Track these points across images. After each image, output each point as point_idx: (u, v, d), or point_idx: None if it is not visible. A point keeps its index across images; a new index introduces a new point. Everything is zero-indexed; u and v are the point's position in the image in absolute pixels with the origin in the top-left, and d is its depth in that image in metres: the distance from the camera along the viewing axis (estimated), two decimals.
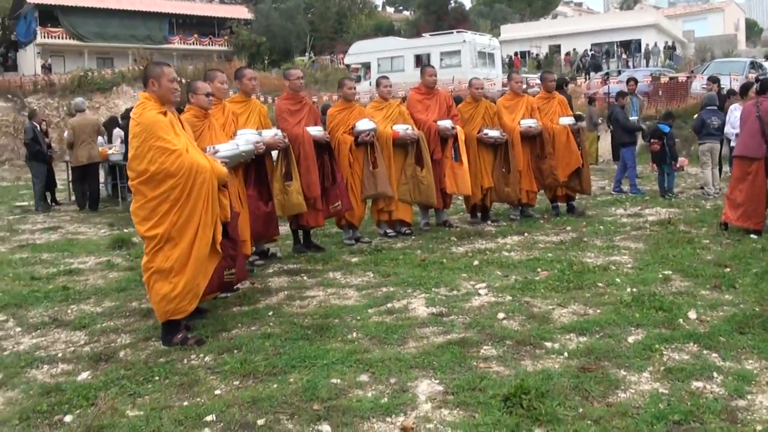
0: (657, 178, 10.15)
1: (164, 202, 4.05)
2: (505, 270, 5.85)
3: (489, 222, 8.18)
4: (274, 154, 6.44)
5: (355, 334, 4.31)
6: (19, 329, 4.75)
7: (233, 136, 5.64)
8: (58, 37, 38.54)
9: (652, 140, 9.92)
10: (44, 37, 37.79)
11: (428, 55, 27.73)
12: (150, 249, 4.12)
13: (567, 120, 8.15)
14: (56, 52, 38.35)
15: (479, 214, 8.36)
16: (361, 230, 7.78)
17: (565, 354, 3.82)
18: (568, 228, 7.60)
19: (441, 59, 27.20)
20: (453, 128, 7.59)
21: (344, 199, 6.82)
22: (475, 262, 6.11)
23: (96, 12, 39.33)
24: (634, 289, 5.00)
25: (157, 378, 3.75)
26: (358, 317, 4.65)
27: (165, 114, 4.15)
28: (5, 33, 40.54)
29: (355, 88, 7.30)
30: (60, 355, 4.21)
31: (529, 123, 7.94)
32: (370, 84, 28.77)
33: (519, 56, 38.83)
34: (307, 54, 44.04)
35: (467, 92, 8.32)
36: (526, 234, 7.37)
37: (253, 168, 5.97)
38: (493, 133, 7.82)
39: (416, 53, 28.43)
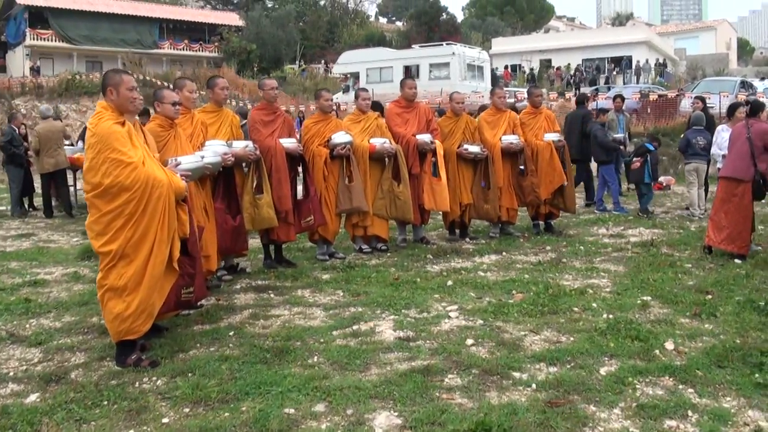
0: (639, 199, 10.06)
1: (119, 217, 3.88)
2: (479, 291, 5.70)
3: (467, 239, 8.04)
4: (245, 165, 6.27)
5: (316, 359, 4.14)
6: None
7: (201, 147, 5.49)
8: (48, 39, 38.26)
9: (634, 158, 9.82)
10: (33, 38, 37.49)
11: (417, 67, 27.74)
12: (104, 265, 3.95)
13: (552, 136, 8.04)
14: (45, 54, 38.02)
15: (458, 231, 8.22)
16: (336, 245, 7.63)
17: (533, 386, 3.66)
18: (548, 248, 7.47)
19: (430, 71, 27.20)
20: (432, 143, 7.46)
21: (317, 214, 6.67)
22: (449, 282, 5.96)
23: (86, 15, 39.10)
24: (611, 316, 4.86)
25: (105, 403, 3.57)
26: (322, 340, 4.48)
27: (123, 124, 3.99)
28: None
29: (331, 100, 7.14)
30: (11, 374, 4.03)
31: (510, 139, 7.82)
32: None
33: (509, 69, 38.91)
34: (297, 62, 43.93)
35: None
36: (504, 253, 7.24)
37: (221, 180, 5.80)
38: (473, 148, 7.69)
39: (405, 64, 28.42)
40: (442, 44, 28.54)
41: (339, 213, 7.03)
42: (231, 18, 46.45)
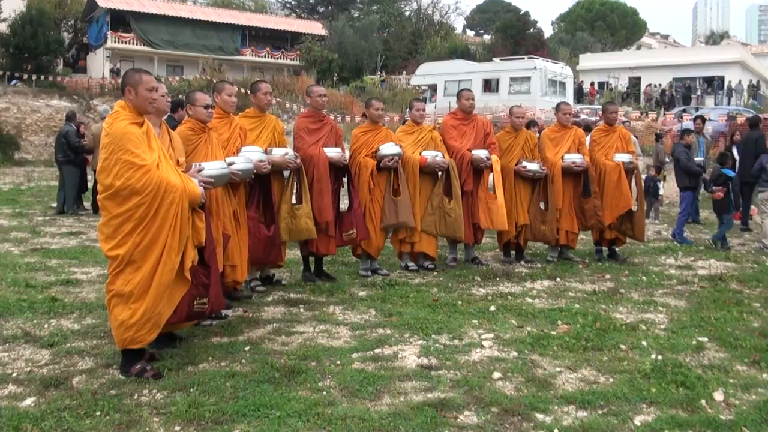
0: (717, 228, 9.36)
1: (128, 221, 3.80)
2: (521, 319, 5.36)
3: (522, 262, 7.67)
4: (286, 174, 6.18)
5: (327, 382, 3.94)
6: None
7: (237, 153, 5.41)
8: (129, 43, 39.84)
9: (714, 187, 9.13)
10: (114, 41, 39.08)
11: (497, 80, 27.33)
12: (112, 270, 3.89)
13: (623, 157, 7.58)
14: (126, 57, 39.62)
15: (513, 253, 7.86)
16: (383, 261, 7.44)
17: (556, 431, 3.34)
18: (607, 276, 7.02)
19: (510, 85, 26.73)
20: (488, 159, 7.17)
21: (360, 227, 6.49)
22: (492, 308, 5.65)
23: (168, 20, 40.56)
24: (659, 357, 4.44)
25: (98, 413, 3.47)
26: (339, 362, 4.28)
27: (141, 125, 3.93)
28: (77, 35, 42.11)
29: (382, 109, 6.97)
30: (15, 375, 4.01)
31: (573, 158, 7.42)
32: (436, 107, 28.60)
33: (596, 86, 37.81)
34: (377, 73, 44.21)
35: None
36: (558, 279, 6.84)
37: (257, 188, 5.72)
38: (532, 166, 7.35)
39: (485, 77, 28.05)
40: (523, 58, 28.01)
41: (384, 228, 6.83)
42: (314, 27, 47.30)
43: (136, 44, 39.92)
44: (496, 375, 4.08)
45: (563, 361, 4.38)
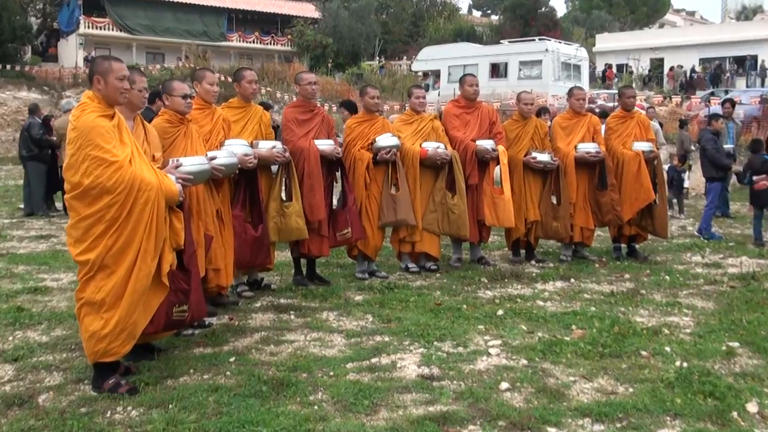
0: (753, 222, 9.31)
1: (99, 223, 3.79)
2: (532, 324, 5.35)
3: (533, 262, 7.66)
4: (274, 169, 6.16)
5: (319, 395, 3.93)
6: None
7: (220, 147, 5.40)
8: (104, 28, 39.66)
9: (756, 177, 8.99)
10: (88, 27, 38.88)
11: (506, 65, 27.31)
12: (82, 276, 3.88)
13: (642, 145, 7.54)
14: (101, 44, 39.46)
15: (523, 252, 7.84)
16: (381, 263, 7.43)
17: None
18: (626, 276, 7.01)
19: (519, 69, 26.71)
20: (494, 150, 7.15)
21: (355, 226, 6.48)
22: (500, 312, 5.64)
23: (147, 3, 40.45)
24: (685, 364, 4.42)
25: None
26: (332, 373, 4.27)
27: (111, 117, 3.91)
28: (46, 20, 41.83)
29: (378, 98, 6.94)
30: None
31: (587, 148, 7.40)
32: (440, 95, 28.59)
33: (614, 69, 37.77)
34: (375, 58, 44.18)
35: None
36: (572, 280, 6.83)
37: (242, 185, 5.71)
38: (543, 157, 7.33)
39: (492, 62, 28.03)
40: (534, 40, 27.98)
41: (382, 226, 6.82)
42: (307, 9, 47.25)
43: (112, 30, 39.81)
44: (504, 385, 4.06)
45: (578, 370, 4.37)
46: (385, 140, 6.67)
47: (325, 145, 6.28)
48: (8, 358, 4.54)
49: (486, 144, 7.15)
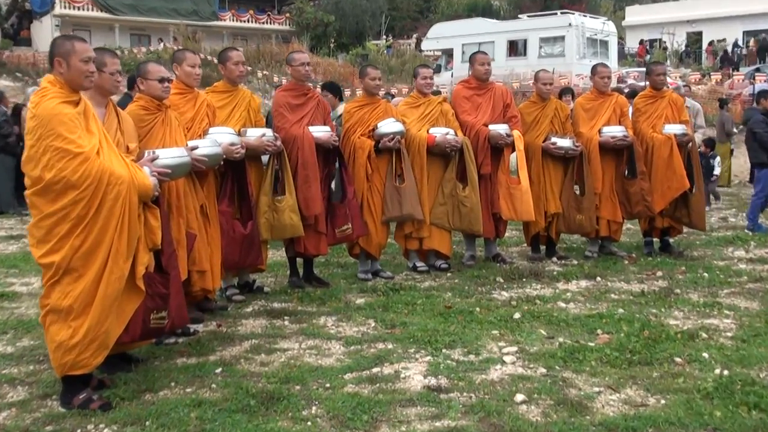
0: None
1: (63, 221, 3.73)
2: (552, 329, 5.27)
3: (554, 259, 7.57)
4: (265, 159, 6.10)
5: (313, 410, 3.87)
6: None
7: (203, 135, 5.34)
8: (83, 9, 39.55)
9: None
10: (64, 7, 38.75)
11: (525, 41, 27.18)
12: (46, 281, 3.83)
13: (674, 128, 7.42)
14: (80, 25, 39.24)
15: (543, 248, 7.75)
16: (386, 261, 7.37)
17: None
18: (659, 273, 6.92)
19: (540, 47, 26.57)
20: (509, 135, 7.06)
21: (356, 221, 6.41)
22: (516, 315, 5.56)
23: None
24: (725, 372, 4.33)
25: None
26: (328, 384, 4.21)
27: (77, 103, 3.85)
28: (16, 1, 41.80)
29: (379, 79, 6.86)
30: None
31: (612, 131, 7.29)
32: (453, 75, 28.47)
33: (646, 45, 37.50)
34: (382, 37, 44.09)
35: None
36: (598, 278, 6.74)
37: (229, 178, 5.65)
38: (564, 142, 7.23)
39: (510, 39, 27.91)
40: (556, 13, 27.80)
41: (386, 221, 6.75)
42: None
43: (92, 10, 39.73)
44: (519, 398, 3.99)
45: (603, 379, 4.29)
46: (388, 126, 6.59)
47: (320, 131, 6.20)
48: None
49: (499, 129, 7.06)
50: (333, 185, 6.56)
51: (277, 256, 7.37)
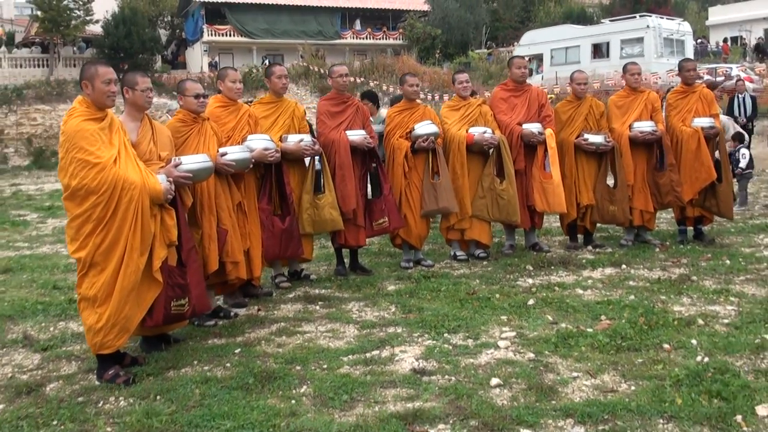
0: None
1: (87, 222, 3.80)
2: (559, 314, 4.95)
3: (590, 247, 7.13)
4: (308, 161, 6.05)
5: (303, 389, 3.77)
6: None
7: (242, 142, 5.33)
8: (225, 35, 40.94)
9: None
10: (211, 34, 40.22)
11: (607, 44, 25.95)
12: (78, 273, 3.93)
13: (702, 121, 6.83)
14: (224, 49, 40.64)
15: (581, 237, 7.32)
16: (435, 250, 7.18)
17: None
18: (684, 261, 6.38)
19: (621, 48, 25.29)
20: (541, 133, 6.70)
21: (392, 215, 6.26)
22: (530, 301, 5.26)
23: (265, 8, 41.33)
24: (706, 359, 3.92)
25: (54, 422, 3.50)
26: (326, 366, 4.10)
27: (101, 119, 3.90)
28: (174, 31, 43.71)
29: (418, 85, 6.65)
30: None
31: (641, 126, 6.78)
32: (543, 78, 27.59)
33: (728, 42, 35.03)
34: (483, 45, 43.27)
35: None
36: (623, 266, 6.29)
37: (268, 178, 5.62)
38: (595, 138, 6.79)
39: (594, 42, 26.72)
40: (635, 17, 26.36)
41: (424, 215, 6.55)
42: (416, 2, 46.90)
43: (234, 36, 41.07)
44: (494, 381, 3.75)
45: (585, 364, 3.98)
46: (423, 128, 6.38)
47: (355, 135, 6.08)
48: (41, 347, 4.68)
49: (532, 127, 6.72)
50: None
51: (330, 248, 7.32)
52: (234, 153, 4.97)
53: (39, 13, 31.64)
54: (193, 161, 4.42)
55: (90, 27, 34.17)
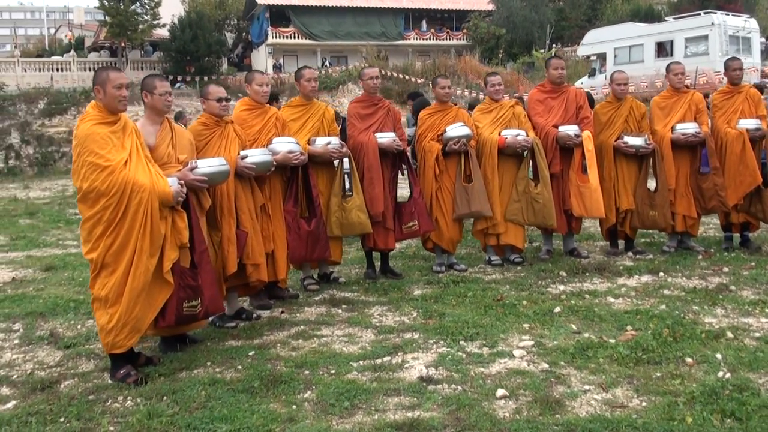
0: None
1: (98, 224, 3.85)
2: (585, 324, 4.76)
3: (630, 253, 6.85)
4: (336, 164, 6.01)
5: (307, 394, 3.73)
6: (16, 341, 4.92)
7: (268, 145, 5.33)
8: (290, 37, 41.30)
9: None
10: (276, 37, 40.65)
11: (671, 42, 25.02)
12: (91, 273, 3.98)
13: (748, 123, 6.49)
14: (289, 51, 40.96)
15: (622, 243, 7.05)
16: (471, 254, 7.05)
17: None
18: (725, 270, 6.06)
19: (686, 47, 24.34)
20: (577, 136, 6.48)
21: (422, 218, 6.15)
22: (557, 309, 5.08)
23: (329, 10, 41.58)
24: (727, 375, 3.70)
25: (62, 420, 3.56)
26: (334, 371, 4.04)
27: (113, 123, 3.95)
28: (241, 34, 44.41)
29: (449, 87, 6.53)
30: (16, 377, 4.23)
31: (684, 128, 6.48)
32: (606, 78, 26.81)
33: None
34: (546, 45, 42.47)
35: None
36: (661, 274, 6.02)
37: (294, 181, 5.60)
38: (635, 141, 6.52)
39: (657, 40, 25.78)
40: (699, 14, 25.33)
41: (456, 218, 6.42)
42: (480, 3, 46.40)
43: (298, 38, 41.46)
44: (500, 392, 3.61)
45: (599, 377, 3.81)
46: (455, 130, 6.26)
47: (385, 137, 6.00)
48: (63, 345, 4.78)
49: (568, 130, 6.50)
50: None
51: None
52: (254, 156, 4.97)
53: (108, 18, 32.67)
54: (208, 165, 4.43)
55: (157, 31, 35.05)
